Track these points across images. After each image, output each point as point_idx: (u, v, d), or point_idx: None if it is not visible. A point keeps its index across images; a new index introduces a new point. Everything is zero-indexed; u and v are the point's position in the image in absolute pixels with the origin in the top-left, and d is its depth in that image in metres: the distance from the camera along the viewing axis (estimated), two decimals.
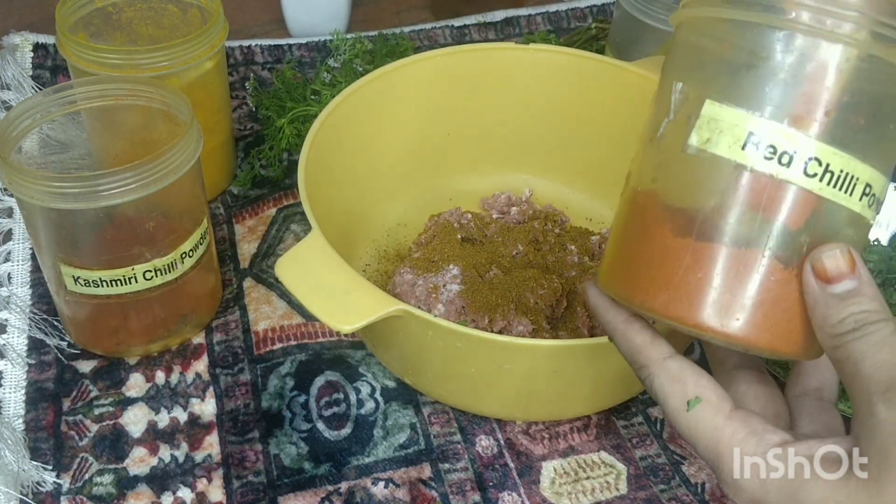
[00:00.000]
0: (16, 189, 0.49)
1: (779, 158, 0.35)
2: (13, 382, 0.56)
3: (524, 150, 0.70)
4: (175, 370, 0.58)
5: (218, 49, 0.63)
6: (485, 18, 0.91)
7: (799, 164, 0.35)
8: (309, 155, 0.56)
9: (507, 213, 0.67)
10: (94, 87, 0.55)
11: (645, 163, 0.41)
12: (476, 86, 0.67)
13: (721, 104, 0.36)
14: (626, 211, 0.42)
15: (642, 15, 0.71)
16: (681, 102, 0.38)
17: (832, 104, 0.35)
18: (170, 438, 0.54)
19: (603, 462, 0.54)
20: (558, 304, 0.58)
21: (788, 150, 0.35)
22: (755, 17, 0.35)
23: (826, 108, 0.35)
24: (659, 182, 0.39)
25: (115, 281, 0.53)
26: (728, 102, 0.36)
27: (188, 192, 0.55)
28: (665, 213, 0.38)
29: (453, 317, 0.55)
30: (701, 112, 0.36)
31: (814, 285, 0.35)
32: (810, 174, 0.35)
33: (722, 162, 0.36)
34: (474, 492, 0.52)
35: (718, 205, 0.36)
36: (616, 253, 0.42)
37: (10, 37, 0.82)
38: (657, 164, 0.39)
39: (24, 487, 0.50)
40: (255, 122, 0.78)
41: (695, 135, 0.37)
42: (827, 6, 0.34)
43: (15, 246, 0.65)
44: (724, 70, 0.37)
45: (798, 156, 0.35)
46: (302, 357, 0.58)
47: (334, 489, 0.52)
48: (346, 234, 0.61)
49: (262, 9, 0.93)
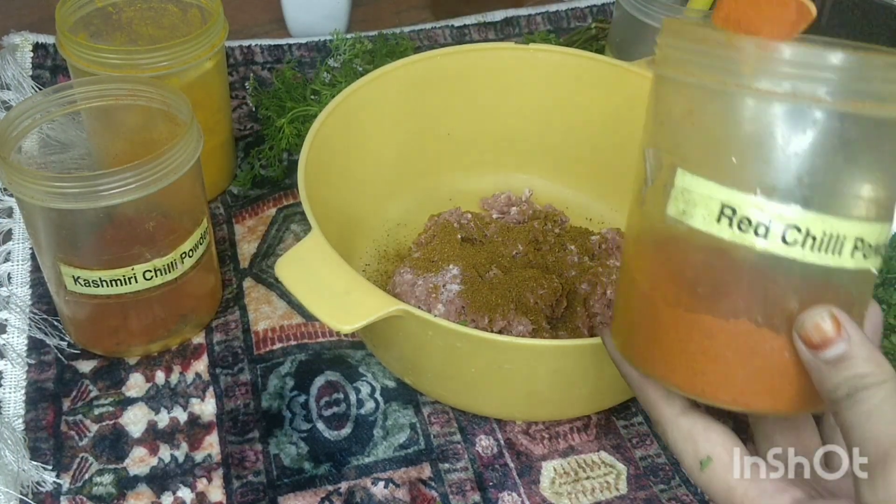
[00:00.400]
0: (16, 189, 0.49)
1: (755, 230, 0.33)
2: (13, 382, 0.56)
3: (524, 150, 0.70)
4: (175, 370, 0.58)
5: (218, 49, 0.63)
6: (485, 18, 0.91)
7: (776, 234, 0.33)
8: (309, 155, 0.56)
9: (507, 213, 0.67)
10: (94, 87, 0.55)
11: (633, 226, 0.40)
12: (476, 86, 0.67)
13: (692, 174, 0.34)
14: (623, 270, 0.41)
15: (642, 15, 0.71)
16: (656, 169, 0.37)
17: (804, 168, 0.33)
18: (170, 438, 0.54)
19: (603, 462, 0.54)
20: (558, 304, 0.58)
21: (763, 220, 0.33)
22: (713, 81, 0.34)
23: (797, 174, 0.33)
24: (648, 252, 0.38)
25: (115, 281, 0.53)
26: (698, 173, 0.34)
27: (188, 192, 0.55)
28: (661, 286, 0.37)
29: (453, 317, 0.55)
30: (674, 182, 0.35)
31: (805, 352, 0.34)
32: (790, 242, 0.33)
33: (699, 234, 0.34)
34: (474, 492, 0.52)
35: (701, 277, 0.35)
36: (619, 313, 0.41)
37: (10, 37, 0.82)
38: (643, 230, 0.38)
39: (24, 487, 0.50)
40: (255, 122, 0.78)
41: (671, 205, 0.35)
42: (788, 68, 0.32)
43: (15, 246, 0.65)
44: (692, 137, 0.35)
45: (774, 225, 0.33)
46: (302, 357, 0.58)
47: (334, 489, 0.52)
48: (346, 234, 0.61)
49: (262, 9, 0.93)
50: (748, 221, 0.33)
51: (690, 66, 0.35)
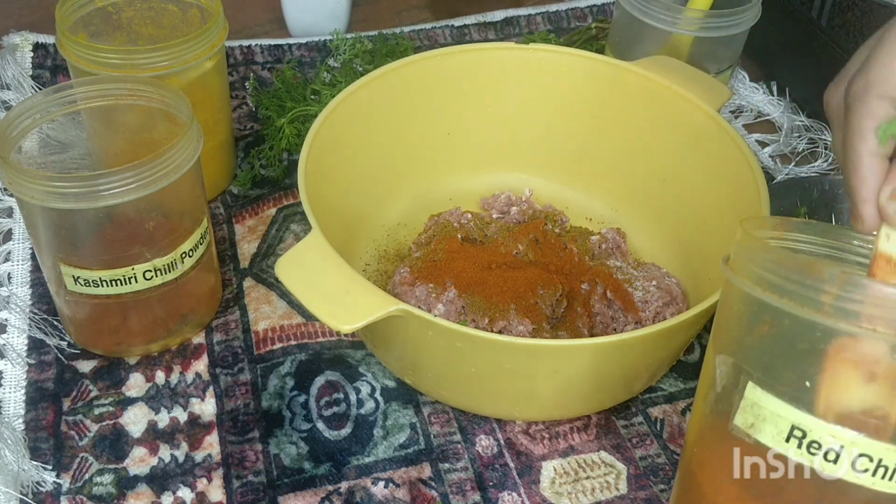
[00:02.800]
0: (16, 189, 0.49)
1: (824, 455, 0.33)
2: (13, 382, 0.56)
3: (524, 150, 0.70)
4: (175, 370, 0.58)
5: (218, 49, 0.63)
6: (485, 18, 0.91)
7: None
8: (309, 155, 0.56)
9: (507, 212, 0.67)
10: (94, 87, 0.55)
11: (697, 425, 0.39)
12: (476, 86, 0.67)
13: (764, 390, 0.34)
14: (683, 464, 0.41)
15: (642, 15, 0.71)
16: (724, 376, 0.37)
17: (878, 401, 0.33)
18: (170, 438, 0.54)
19: (603, 462, 0.54)
20: (558, 304, 0.58)
21: (833, 446, 0.33)
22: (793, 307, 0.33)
23: (871, 405, 0.33)
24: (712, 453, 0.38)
25: (115, 281, 0.53)
26: (770, 390, 0.34)
27: (188, 192, 0.55)
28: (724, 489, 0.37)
29: (453, 317, 0.55)
30: (745, 394, 0.35)
31: None
32: (860, 470, 0.33)
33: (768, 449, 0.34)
34: (474, 492, 0.52)
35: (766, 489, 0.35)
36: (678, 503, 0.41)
37: (10, 36, 0.82)
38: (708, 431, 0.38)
39: (24, 487, 0.50)
40: (255, 122, 0.78)
41: (740, 416, 0.35)
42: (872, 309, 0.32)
43: (15, 246, 0.65)
44: (767, 354, 0.35)
45: (845, 452, 0.33)
46: (302, 357, 0.58)
47: (334, 489, 0.52)
48: (346, 234, 0.61)
49: (262, 9, 0.93)
50: (818, 445, 0.33)
51: (772, 289, 0.34)
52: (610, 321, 0.58)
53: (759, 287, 0.35)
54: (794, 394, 0.34)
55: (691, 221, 0.63)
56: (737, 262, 0.37)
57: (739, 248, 0.37)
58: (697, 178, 0.62)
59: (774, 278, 0.34)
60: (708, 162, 0.61)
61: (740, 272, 0.36)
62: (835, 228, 0.40)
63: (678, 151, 0.64)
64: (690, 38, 0.71)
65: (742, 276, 0.36)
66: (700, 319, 0.51)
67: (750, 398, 0.35)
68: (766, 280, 0.34)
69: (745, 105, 0.82)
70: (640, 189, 0.67)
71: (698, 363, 0.60)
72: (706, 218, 0.61)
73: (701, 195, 0.62)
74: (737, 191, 0.58)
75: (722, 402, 0.37)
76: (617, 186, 0.69)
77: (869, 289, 0.32)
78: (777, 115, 0.81)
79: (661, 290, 0.58)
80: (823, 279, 0.32)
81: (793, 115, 0.80)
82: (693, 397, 0.57)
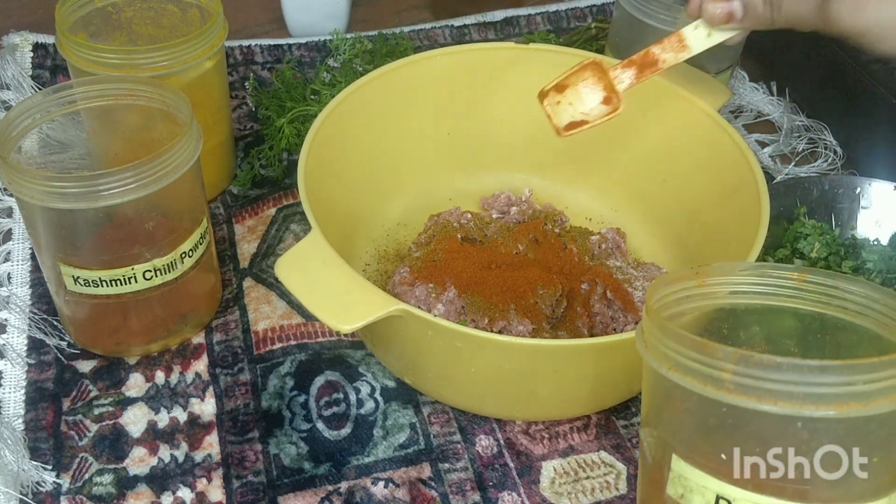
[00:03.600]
0: (16, 189, 0.49)
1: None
2: (13, 382, 0.56)
3: (524, 150, 0.70)
4: (175, 370, 0.58)
5: (218, 49, 0.63)
6: (485, 18, 0.91)
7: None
8: (309, 155, 0.56)
9: (507, 212, 0.67)
10: (94, 87, 0.55)
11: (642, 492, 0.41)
12: (476, 86, 0.67)
13: (686, 462, 0.35)
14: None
15: (642, 15, 0.71)
16: (653, 448, 0.38)
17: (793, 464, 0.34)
18: (170, 438, 0.54)
19: (603, 462, 0.54)
20: (558, 304, 0.58)
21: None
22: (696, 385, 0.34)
23: (790, 473, 0.33)
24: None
25: (114, 281, 0.53)
26: (692, 462, 0.35)
27: (188, 192, 0.55)
28: None
29: (453, 317, 0.55)
30: (671, 466, 0.36)
31: None
32: None
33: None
34: (474, 492, 0.52)
35: None
36: None
37: (10, 37, 0.82)
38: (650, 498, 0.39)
39: (24, 487, 0.50)
40: (254, 122, 0.78)
41: (670, 486, 0.36)
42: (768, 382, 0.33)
43: (15, 246, 0.65)
44: (683, 427, 0.36)
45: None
46: (302, 357, 0.58)
47: (334, 489, 0.52)
48: (346, 234, 0.61)
49: (262, 9, 0.93)
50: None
51: (676, 367, 0.35)
52: (610, 321, 0.58)
53: (665, 365, 0.36)
54: (713, 466, 0.35)
55: (691, 221, 0.63)
56: (647, 339, 0.38)
57: (647, 325, 0.38)
58: (697, 178, 0.62)
59: (678, 357, 0.35)
60: (708, 162, 0.61)
61: (650, 349, 0.37)
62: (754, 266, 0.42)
63: (678, 151, 0.64)
64: None
65: (652, 353, 0.37)
66: None
67: (676, 470, 0.36)
68: (671, 359, 0.35)
69: (745, 105, 0.82)
70: (640, 189, 0.67)
71: None
72: (706, 218, 0.61)
73: (701, 195, 0.62)
74: (737, 191, 0.58)
75: (655, 471, 0.38)
76: (617, 186, 0.69)
77: (764, 363, 0.33)
78: (777, 115, 0.81)
79: None
80: (719, 357, 0.33)
81: (793, 115, 0.80)
82: None
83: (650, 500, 0.40)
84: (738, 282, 0.41)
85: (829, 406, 0.32)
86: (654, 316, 0.38)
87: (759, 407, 0.33)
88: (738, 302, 0.38)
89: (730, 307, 0.41)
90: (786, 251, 0.63)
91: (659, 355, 0.36)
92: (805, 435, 0.33)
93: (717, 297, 0.42)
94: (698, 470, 0.35)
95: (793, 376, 0.32)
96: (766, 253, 0.62)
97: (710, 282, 0.41)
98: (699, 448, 0.36)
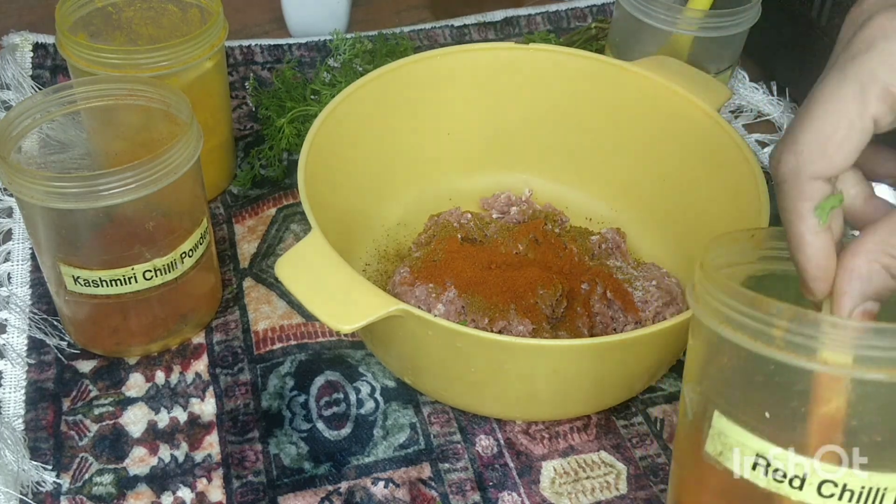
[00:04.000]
0: (16, 189, 0.49)
1: (789, 482, 0.34)
2: (13, 382, 0.56)
3: (524, 150, 0.70)
4: (175, 370, 0.58)
5: (218, 49, 0.63)
6: (485, 18, 0.91)
7: (812, 486, 0.33)
8: (309, 155, 0.56)
9: (507, 212, 0.67)
10: (94, 87, 0.55)
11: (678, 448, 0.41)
12: (476, 86, 0.67)
13: (728, 420, 0.35)
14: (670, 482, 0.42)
15: (642, 15, 0.71)
16: (694, 404, 0.38)
17: (838, 430, 0.33)
18: (170, 438, 0.54)
19: (603, 462, 0.54)
20: (558, 304, 0.58)
21: (797, 474, 0.34)
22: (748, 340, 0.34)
23: (831, 435, 0.33)
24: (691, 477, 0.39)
25: (115, 281, 0.53)
26: (734, 419, 0.35)
27: (188, 192, 0.55)
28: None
29: (453, 317, 0.55)
30: (712, 423, 0.36)
31: None
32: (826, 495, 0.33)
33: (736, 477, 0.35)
34: (474, 492, 0.52)
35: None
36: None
37: (10, 36, 0.82)
38: (686, 457, 0.39)
39: (23, 487, 0.50)
40: (255, 122, 0.78)
41: (709, 444, 0.36)
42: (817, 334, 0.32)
43: (15, 246, 0.65)
44: (729, 384, 0.36)
45: (810, 479, 0.33)
46: (302, 357, 0.58)
47: (334, 489, 0.52)
48: (346, 234, 0.61)
49: (262, 9, 0.93)
50: (783, 474, 0.34)
51: (727, 322, 0.35)
52: (610, 321, 0.58)
53: (717, 319, 0.35)
54: (755, 424, 0.35)
55: (691, 221, 0.63)
56: (698, 293, 0.38)
57: (699, 278, 0.38)
58: (697, 178, 0.62)
59: (730, 312, 0.35)
60: (708, 162, 0.61)
61: (701, 303, 0.37)
62: None
63: (678, 151, 0.64)
64: (690, 38, 0.71)
65: (703, 307, 0.37)
66: None
67: (717, 427, 0.36)
68: (722, 313, 0.35)
69: (745, 105, 0.82)
70: (640, 189, 0.67)
71: None
72: (706, 218, 0.61)
73: (701, 195, 0.62)
74: (737, 191, 0.58)
75: (694, 429, 0.38)
76: (617, 186, 0.69)
77: (816, 322, 0.32)
78: (777, 115, 0.81)
79: (661, 290, 0.58)
80: (772, 313, 0.33)
81: (793, 115, 0.80)
82: None
83: (686, 458, 0.40)
84: None
85: (881, 370, 0.32)
86: (708, 270, 0.37)
87: (809, 366, 0.33)
88: (791, 269, 0.37)
89: (781, 272, 0.41)
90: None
91: (710, 310, 0.36)
92: (853, 398, 0.33)
93: (771, 260, 0.41)
94: (740, 427, 0.35)
95: (845, 337, 0.32)
96: None
97: (765, 245, 0.41)
98: (743, 405, 0.35)
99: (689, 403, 0.38)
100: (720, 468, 0.36)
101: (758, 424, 0.35)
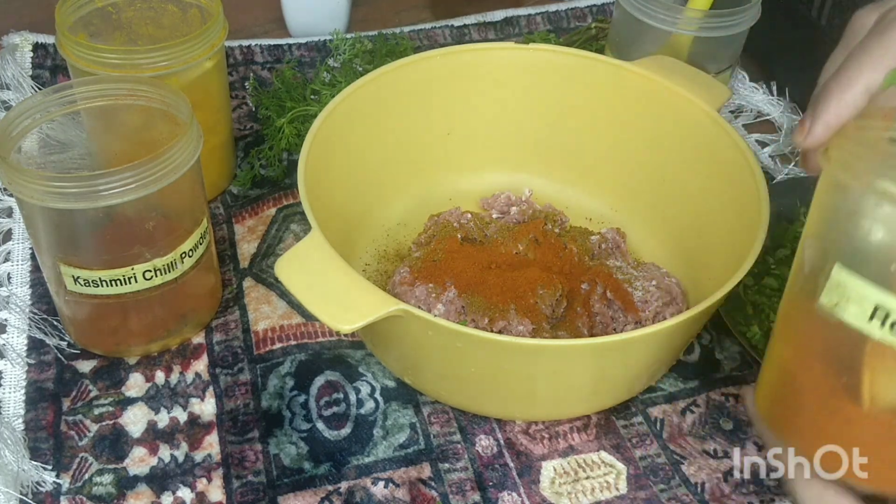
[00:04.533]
0: (16, 189, 0.49)
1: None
2: (13, 382, 0.56)
3: (524, 150, 0.70)
4: (175, 370, 0.58)
5: (218, 49, 0.63)
6: (485, 18, 0.91)
7: None
8: (309, 155, 0.56)
9: (507, 212, 0.67)
10: (94, 87, 0.55)
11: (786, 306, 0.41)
12: (476, 86, 0.67)
13: (849, 272, 0.35)
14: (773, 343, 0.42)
15: (642, 15, 0.71)
16: (813, 258, 0.38)
17: None
18: (170, 438, 0.54)
19: (603, 462, 0.54)
20: (558, 304, 0.58)
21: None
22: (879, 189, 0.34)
23: None
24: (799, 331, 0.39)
25: (114, 281, 0.53)
26: (855, 271, 0.35)
27: (188, 192, 0.55)
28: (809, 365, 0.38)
29: (453, 317, 0.55)
30: (831, 274, 0.36)
31: None
32: None
33: (850, 328, 0.35)
34: (474, 491, 0.52)
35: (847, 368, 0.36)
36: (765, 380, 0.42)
37: (10, 36, 0.82)
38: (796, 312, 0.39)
39: (23, 487, 0.50)
40: (255, 122, 0.78)
41: (825, 296, 0.36)
42: None
43: (15, 246, 0.65)
44: (854, 238, 0.36)
45: None
46: (302, 357, 0.58)
47: (334, 489, 0.52)
48: (346, 234, 0.61)
49: (262, 9, 0.93)
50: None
51: (859, 172, 0.35)
52: (610, 321, 0.58)
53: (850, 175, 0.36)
54: (878, 277, 0.34)
55: (691, 221, 0.63)
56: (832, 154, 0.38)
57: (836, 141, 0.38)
58: (697, 177, 0.62)
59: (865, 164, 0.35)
60: (708, 162, 0.61)
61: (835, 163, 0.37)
62: None
63: (678, 151, 0.64)
64: (690, 38, 0.71)
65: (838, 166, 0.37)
66: (700, 319, 0.51)
67: (835, 279, 0.36)
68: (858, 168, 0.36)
69: (745, 105, 0.82)
70: (639, 189, 0.67)
71: (698, 363, 0.60)
72: (706, 218, 0.61)
73: (701, 195, 0.62)
74: (737, 191, 0.58)
75: (809, 282, 0.38)
76: (617, 186, 0.69)
77: None
78: (777, 115, 0.81)
79: (660, 289, 0.58)
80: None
81: (793, 115, 0.80)
82: (693, 397, 0.57)
83: (794, 310, 0.40)
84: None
85: None
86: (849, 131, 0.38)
87: None
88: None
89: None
90: (786, 251, 0.63)
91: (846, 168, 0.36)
92: None
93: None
94: (860, 279, 0.35)
95: None
96: (766, 253, 0.62)
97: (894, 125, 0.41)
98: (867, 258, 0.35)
99: (807, 257, 0.38)
100: (833, 321, 0.36)
101: (881, 277, 0.34)
